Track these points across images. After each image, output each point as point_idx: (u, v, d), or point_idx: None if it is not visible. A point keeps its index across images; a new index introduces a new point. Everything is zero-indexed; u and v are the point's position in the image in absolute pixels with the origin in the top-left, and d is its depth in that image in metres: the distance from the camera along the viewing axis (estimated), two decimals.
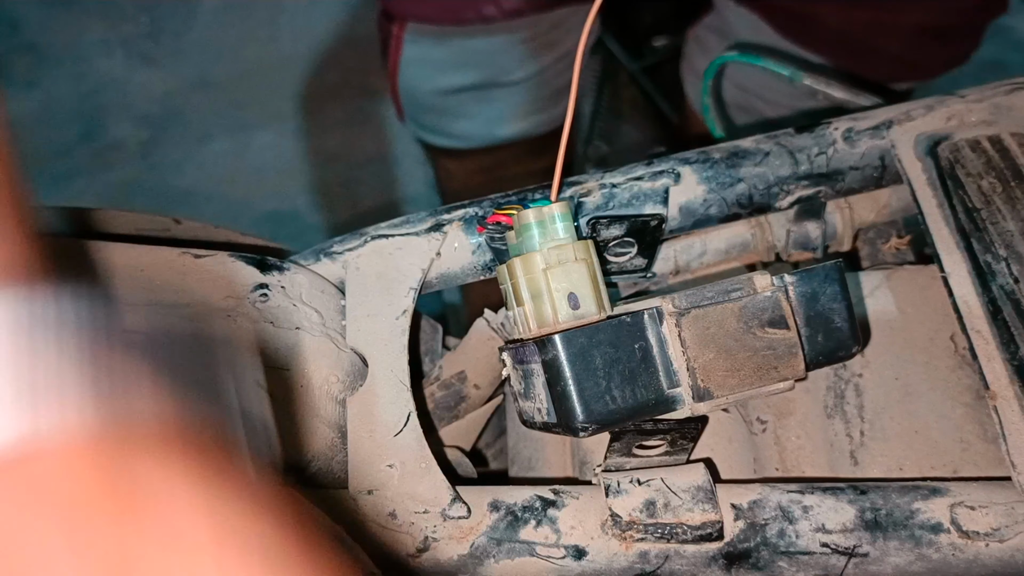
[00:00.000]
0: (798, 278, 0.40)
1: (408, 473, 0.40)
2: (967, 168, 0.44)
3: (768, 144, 0.47)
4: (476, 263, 0.47)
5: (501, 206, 0.45)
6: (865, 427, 0.46)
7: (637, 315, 0.39)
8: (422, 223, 0.47)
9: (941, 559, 0.38)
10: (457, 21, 1.00)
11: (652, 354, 0.38)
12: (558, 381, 0.38)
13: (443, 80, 1.08)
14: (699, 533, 0.39)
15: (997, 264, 0.42)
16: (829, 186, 0.47)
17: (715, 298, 0.39)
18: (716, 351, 0.38)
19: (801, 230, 0.49)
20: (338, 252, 0.46)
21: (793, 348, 0.39)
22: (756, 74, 0.77)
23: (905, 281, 0.49)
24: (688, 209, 0.47)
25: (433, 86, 1.10)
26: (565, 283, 0.40)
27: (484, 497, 0.41)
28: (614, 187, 0.47)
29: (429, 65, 1.08)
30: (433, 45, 1.04)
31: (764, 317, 0.39)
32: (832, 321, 0.40)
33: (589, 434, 0.38)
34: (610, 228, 0.45)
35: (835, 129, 0.47)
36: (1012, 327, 0.40)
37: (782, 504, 0.40)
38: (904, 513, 0.39)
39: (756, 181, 0.47)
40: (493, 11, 0.98)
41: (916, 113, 0.47)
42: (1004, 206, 0.43)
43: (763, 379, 0.39)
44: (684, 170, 0.47)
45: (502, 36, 1.01)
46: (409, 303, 0.45)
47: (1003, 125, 0.45)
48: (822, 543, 0.39)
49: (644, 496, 0.40)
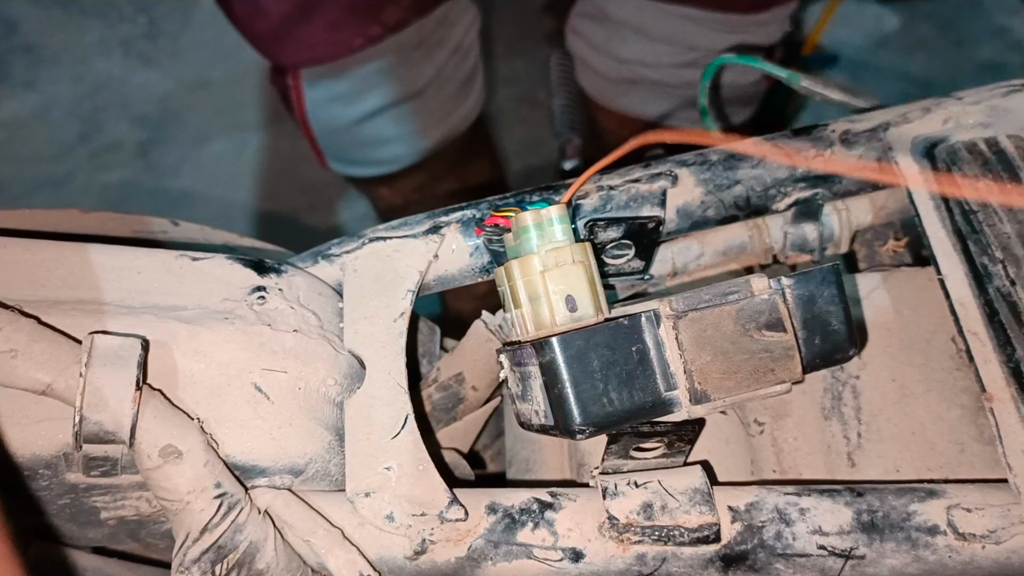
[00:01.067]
0: (795, 280, 0.40)
1: (405, 475, 0.40)
2: (963, 170, 0.44)
3: (766, 147, 0.48)
4: (474, 265, 0.47)
5: (499, 208, 0.45)
6: (862, 429, 0.47)
7: (634, 318, 0.39)
8: (420, 225, 0.47)
9: (937, 561, 0.38)
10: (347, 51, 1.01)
11: (649, 356, 0.38)
12: (555, 384, 0.38)
13: (353, 111, 1.09)
14: (696, 535, 0.39)
15: (994, 266, 0.42)
16: (826, 188, 0.48)
17: (712, 301, 0.39)
18: (713, 354, 0.39)
19: (798, 232, 0.49)
20: (336, 255, 0.46)
21: (790, 351, 0.39)
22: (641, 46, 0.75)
23: (902, 283, 0.50)
24: (686, 211, 0.47)
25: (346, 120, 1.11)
26: (562, 285, 0.40)
27: (481, 499, 0.41)
28: (612, 189, 0.47)
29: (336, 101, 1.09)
30: (333, 81, 1.05)
31: (761, 320, 0.39)
32: (829, 324, 0.40)
33: (586, 437, 0.38)
34: (608, 230, 0.45)
35: (832, 131, 0.47)
36: (1008, 329, 0.41)
37: (779, 506, 0.40)
38: (901, 515, 0.39)
39: (753, 183, 0.47)
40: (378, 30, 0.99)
41: (913, 115, 0.47)
42: (1000, 208, 0.43)
43: (760, 382, 0.39)
44: (681, 172, 0.47)
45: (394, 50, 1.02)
46: (407, 305, 0.45)
47: (1000, 127, 0.45)
48: (819, 545, 0.39)
49: (641, 498, 0.40)
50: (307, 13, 0.98)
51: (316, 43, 1.01)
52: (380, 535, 0.40)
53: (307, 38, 1.01)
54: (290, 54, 1.04)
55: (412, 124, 1.11)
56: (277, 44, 1.04)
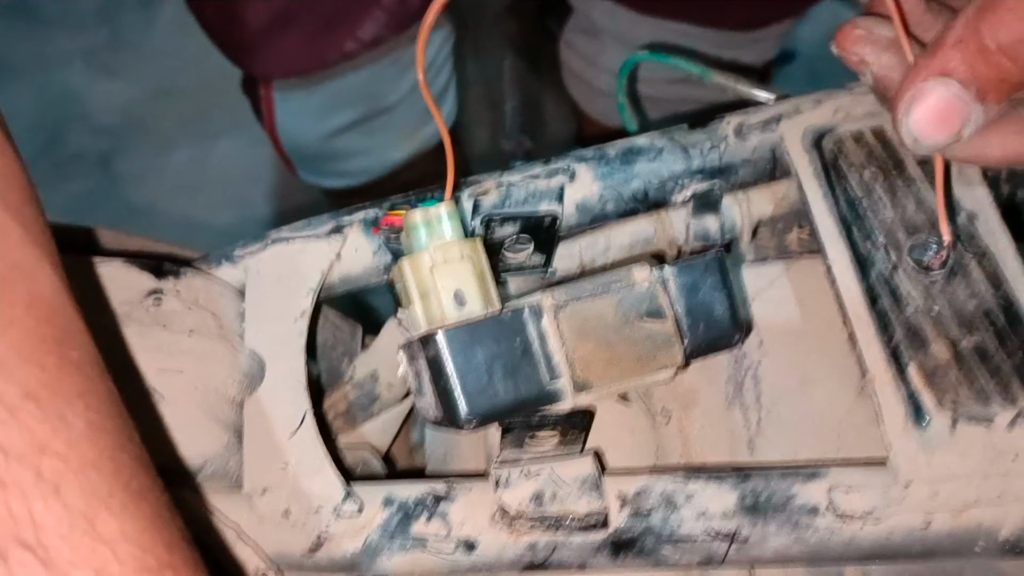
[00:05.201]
0: (678, 269, 0.41)
1: (303, 471, 0.41)
2: (850, 159, 0.45)
3: (662, 140, 0.48)
4: (377, 264, 0.47)
5: (394, 207, 0.45)
6: (763, 414, 0.47)
7: (518, 310, 0.39)
8: (323, 226, 0.47)
9: (819, 541, 0.39)
10: (321, 65, 1.02)
11: (533, 348, 0.39)
12: (440, 377, 0.39)
13: (324, 125, 1.10)
14: (585, 522, 0.40)
15: (876, 252, 0.43)
16: (723, 180, 0.48)
17: (594, 291, 0.40)
18: (595, 343, 0.39)
19: (700, 223, 0.50)
20: (239, 256, 0.47)
21: (670, 338, 0.40)
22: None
23: (804, 271, 0.50)
24: (585, 206, 0.48)
25: (316, 134, 1.12)
26: (451, 281, 0.41)
27: (379, 493, 0.42)
28: (511, 186, 0.48)
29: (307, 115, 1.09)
30: (305, 95, 1.06)
31: (642, 308, 0.40)
32: (713, 311, 0.41)
33: (473, 428, 0.39)
34: (504, 226, 0.46)
35: (727, 124, 0.48)
36: (889, 313, 0.41)
37: (666, 492, 0.41)
38: (783, 497, 0.40)
39: (651, 177, 0.48)
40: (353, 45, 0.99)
41: (805, 107, 0.48)
42: (884, 195, 0.44)
43: (642, 369, 0.40)
44: (580, 168, 0.48)
45: (368, 66, 1.03)
46: (307, 305, 0.45)
47: (886, 117, 0.46)
48: (704, 528, 0.40)
49: (532, 488, 0.41)
50: (283, 25, 0.99)
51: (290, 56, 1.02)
52: (277, 531, 0.41)
53: (281, 50, 1.01)
54: (263, 65, 1.05)
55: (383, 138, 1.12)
56: (251, 55, 1.05)
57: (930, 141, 0.38)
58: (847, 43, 0.42)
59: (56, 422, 0.28)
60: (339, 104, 1.06)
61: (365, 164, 1.15)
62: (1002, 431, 0.39)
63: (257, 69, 1.05)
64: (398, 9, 0.98)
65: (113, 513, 0.28)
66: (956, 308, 0.41)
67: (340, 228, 0.47)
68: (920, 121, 0.38)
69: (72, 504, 0.27)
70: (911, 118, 0.38)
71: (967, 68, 0.37)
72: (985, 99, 0.37)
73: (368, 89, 1.05)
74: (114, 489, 0.29)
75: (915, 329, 0.41)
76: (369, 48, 0.99)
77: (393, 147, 1.13)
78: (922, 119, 0.38)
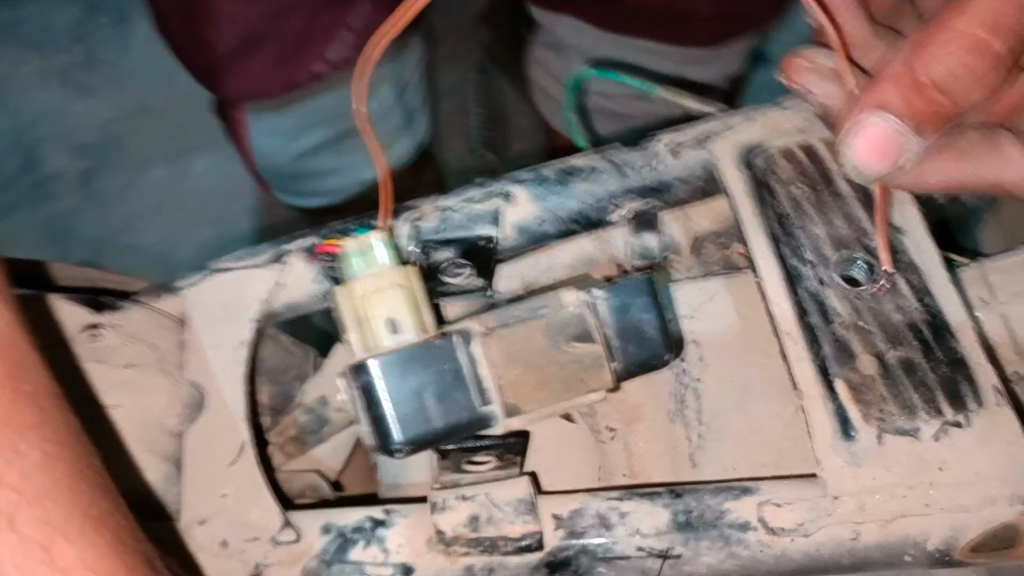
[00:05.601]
0: (608, 292, 0.41)
1: (240, 501, 0.42)
2: (779, 175, 0.46)
3: (597, 160, 0.49)
4: (319, 291, 0.48)
5: (329, 235, 0.46)
6: (703, 430, 0.48)
7: (447, 336, 0.40)
8: (264, 254, 0.48)
9: (750, 556, 0.40)
10: (291, 87, 1.02)
11: (463, 374, 0.40)
12: (373, 405, 0.39)
13: (297, 146, 1.10)
14: (520, 544, 0.40)
15: (804, 268, 0.43)
16: (659, 198, 0.49)
17: (523, 316, 0.40)
18: (524, 367, 0.40)
19: (640, 241, 0.51)
20: (180, 287, 0.47)
21: (599, 361, 0.40)
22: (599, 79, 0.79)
23: (744, 286, 0.51)
24: (522, 228, 0.49)
25: (289, 155, 1.12)
26: (384, 309, 0.41)
27: (317, 520, 0.42)
28: (448, 210, 0.48)
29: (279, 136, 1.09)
30: (277, 116, 1.06)
31: (570, 332, 0.40)
32: (644, 332, 0.42)
33: (405, 455, 0.40)
34: (441, 251, 0.47)
35: (661, 143, 0.49)
36: (816, 329, 0.42)
37: (600, 512, 0.41)
38: (715, 514, 0.40)
39: (587, 197, 0.49)
40: (323, 67, 1.00)
41: (736, 123, 0.48)
42: (813, 211, 0.45)
43: (572, 392, 0.40)
44: (516, 190, 0.48)
45: (339, 87, 1.03)
46: (248, 334, 0.46)
47: (816, 132, 0.47)
48: (637, 547, 0.40)
49: (468, 511, 0.41)
50: (250, 49, 0.99)
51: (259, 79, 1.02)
52: (215, 562, 0.41)
53: (250, 73, 1.01)
54: (233, 88, 1.05)
55: (356, 157, 1.12)
56: (220, 78, 1.05)
57: (871, 172, 0.39)
58: (791, 73, 0.43)
59: (9, 454, 0.29)
60: (311, 125, 1.06)
61: (339, 183, 1.16)
62: (928, 442, 0.39)
63: (227, 92, 1.06)
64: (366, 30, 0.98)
65: (70, 541, 0.29)
66: (883, 322, 0.42)
67: (281, 256, 0.48)
68: (861, 152, 0.39)
69: (27, 534, 0.28)
70: (852, 150, 0.39)
71: (903, 102, 0.38)
72: (922, 131, 0.38)
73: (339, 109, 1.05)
74: (71, 517, 0.29)
75: (843, 343, 0.42)
76: (339, 69, 1.00)
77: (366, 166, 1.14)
78: (863, 151, 0.39)
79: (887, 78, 0.38)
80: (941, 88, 0.37)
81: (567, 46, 1.09)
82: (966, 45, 0.36)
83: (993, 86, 0.37)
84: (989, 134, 0.40)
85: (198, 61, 1.04)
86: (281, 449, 0.53)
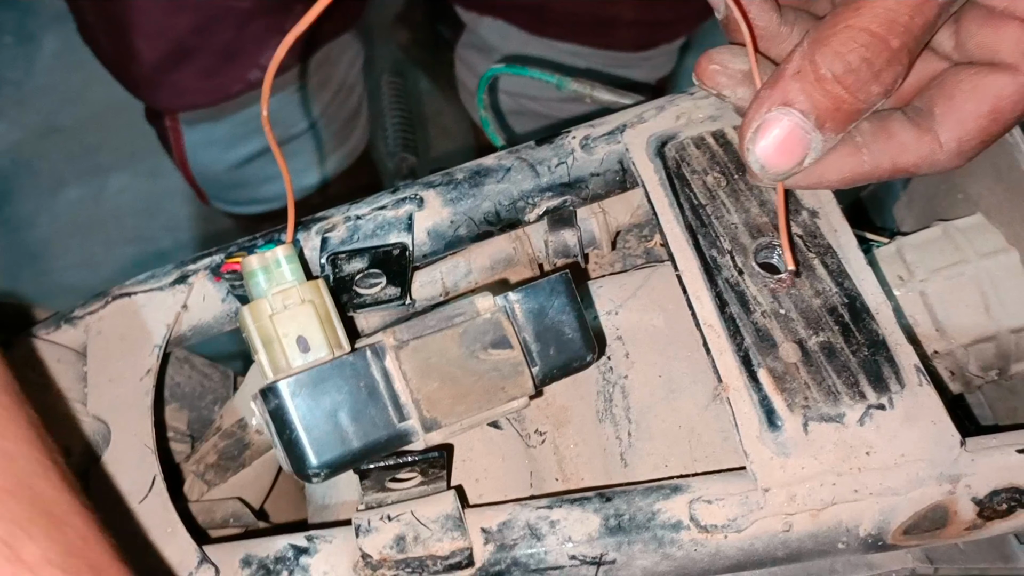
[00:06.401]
0: (523, 295, 0.40)
1: (154, 539, 0.40)
2: (692, 165, 0.45)
3: (509, 159, 0.48)
4: (228, 311, 0.46)
5: (233, 253, 0.44)
6: (632, 428, 0.47)
7: (360, 352, 0.38)
8: (167, 276, 0.46)
9: (685, 556, 0.39)
10: (224, 96, 1.00)
11: (379, 390, 0.38)
12: (285, 429, 0.38)
13: (234, 154, 1.08)
14: (449, 562, 0.39)
15: (722, 258, 0.43)
16: (574, 195, 0.48)
17: (436, 326, 0.39)
18: (440, 380, 0.38)
19: (558, 239, 0.50)
20: (79, 317, 0.45)
21: (519, 367, 0.39)
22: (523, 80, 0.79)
23: (667, 278, 0.50)
24: (436, 233, 0.47)
25: (226, 163, 1.09)
26: (293, 327, 0.40)
27: (236, 553, 0.40)
28: (359, 219, 0.46)
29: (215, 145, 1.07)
30: (213, 125, 1.04)
31: (486, 339, 0.39)
32: (563, 333, 0.40)
33: (323, 479, 0.38)
34: (351, 262, 0.45)
35: (573, 138, 0.48)
36: (737, 319, 0.41)
37: (530, 522, 0.40)
38: (646, 515, 0.39)
39: (501, 197, 0.47)
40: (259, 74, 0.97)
41: (648, 115, 0.47)
42: (728, 199, 0.44)
43: (492, 401, 0.39)
44: (428, 194, 0.47)
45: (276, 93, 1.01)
46: (153, 362, 0.44)
47: (727, 119, 0.46)
48: (570, 555, 0.39)
49: (394, 532, 0.40)
50: (179, 61, 0.96)
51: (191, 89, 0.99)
52: None
53: (180, 84, 0.98)
54: (165, 99, 1.02)
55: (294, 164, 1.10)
56: (151, 89, 1.01)
57: (775, 169, 0.39)
58: (704, 77, 0.43)
59: None
60: (248, 133, 1.04)
61: (278, 190, 1.13)
62: (853, 427, 0.39)
63: (159, 103, 1.02)
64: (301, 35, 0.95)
65: (34, 539, 0.29)
66: (803, 308, 0.41)
67: (185, 277, 0.46)
68: (766, 150, 0.39)
69: None
70: (757, 147, 0.39)
71: (806, 97, 0.38)
72: (824, 128, 0.38)
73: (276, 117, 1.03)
74: (34, 515, 0.29)
75: (764, 333, 0.41)
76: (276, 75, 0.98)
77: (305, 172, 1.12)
78: (767, 148, 0.39)
79: (789, 74, 0.38)
80: (842, 82, 0.37)
81: (492, 48, 1.08)
82: (865, 41, 0.36)
83: (889, 84, 0.37)
84: (881, 123, 0.41)
85: (127, 72, 1.00)
86: (201, 477, 0.50)
